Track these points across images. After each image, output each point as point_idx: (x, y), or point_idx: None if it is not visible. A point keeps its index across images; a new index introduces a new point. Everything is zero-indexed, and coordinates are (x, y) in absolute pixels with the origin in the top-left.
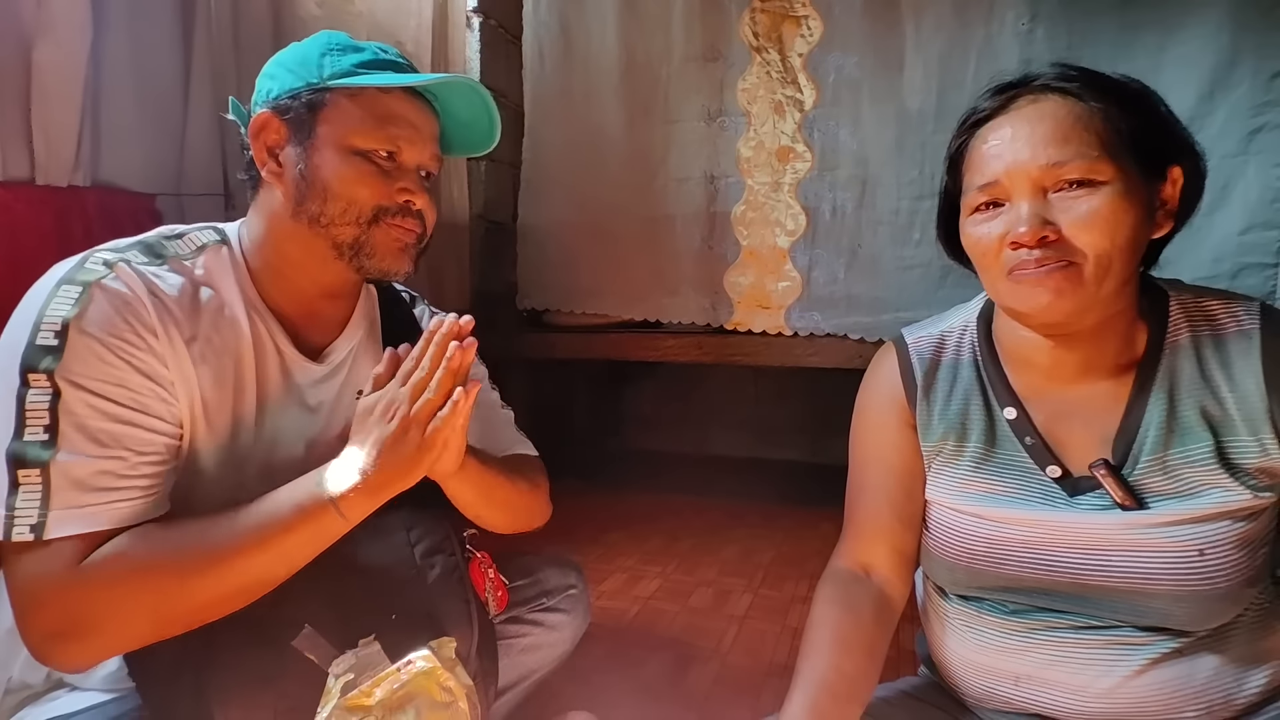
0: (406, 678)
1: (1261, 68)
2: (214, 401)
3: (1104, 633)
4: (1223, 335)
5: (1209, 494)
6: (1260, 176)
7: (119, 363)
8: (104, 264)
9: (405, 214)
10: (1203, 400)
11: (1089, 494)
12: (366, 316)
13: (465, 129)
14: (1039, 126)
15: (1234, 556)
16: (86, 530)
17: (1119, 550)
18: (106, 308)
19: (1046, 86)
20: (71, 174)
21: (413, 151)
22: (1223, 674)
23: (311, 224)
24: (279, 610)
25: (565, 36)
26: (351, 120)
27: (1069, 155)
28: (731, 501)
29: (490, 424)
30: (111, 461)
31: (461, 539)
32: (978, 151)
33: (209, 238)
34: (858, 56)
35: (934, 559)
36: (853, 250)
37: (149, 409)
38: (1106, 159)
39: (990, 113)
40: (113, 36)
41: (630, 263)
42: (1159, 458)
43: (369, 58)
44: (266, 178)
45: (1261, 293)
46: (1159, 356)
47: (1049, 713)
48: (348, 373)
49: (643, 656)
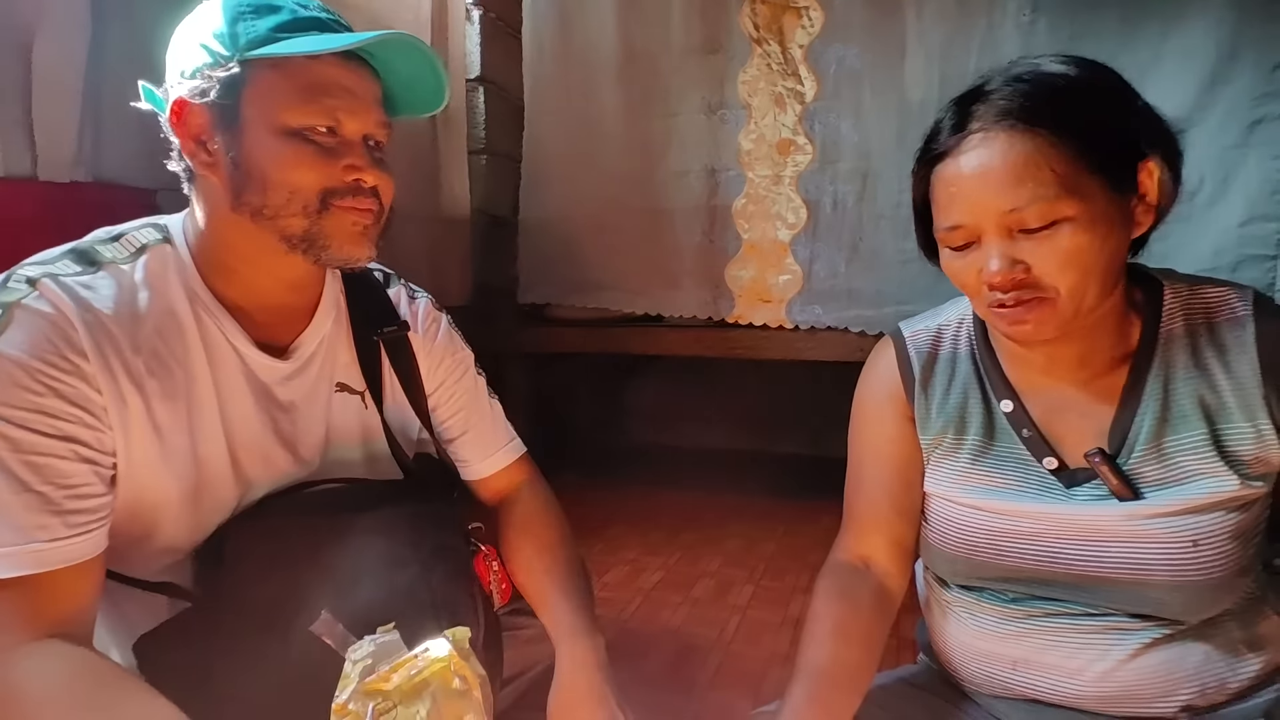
0: (423, 665)
1: (1262, 59)
2: (166, 416)
3: (1100, 619)
4: (1217, 322)
5: (1203, 483)
6: (1260, 168)
7: (39, 388)
8: (27, 281)
9: (357, 193)
10: (1198, 388)
11: (1085, 485)
12: (335, 304)
13: (411, 88)
14: (991, 170)
15: (1227, 547)
16: (8, 574)
17: (1115, 541)
18: (28, 329)
19: (997, 121)
20: (73, 169)
21: (354, 122)
22: (1214, 659)
23: (255, 217)
24: (286, 599)
25: (565, 29)
26: (279, 95)
27: (1024, 200)
28: (733, 495)
29: (478, 415)
30: (31, 496)
31: (467, 533)
32: (940, 189)
33: (150, 237)
34: (859, 48)
35: (934, 551)
36: (854, 243)
37: (75, 437)
38: (1065, 195)
39: (947, 149)
40: (112, 31)
41: (631, 256)
42: (1154, 446)
43: (287, 18)
44: (199, 170)
45: (1262, 285)
46: (1154, 347)
47: (1046, 697)
48: (320, 366)
49: (645, 647)
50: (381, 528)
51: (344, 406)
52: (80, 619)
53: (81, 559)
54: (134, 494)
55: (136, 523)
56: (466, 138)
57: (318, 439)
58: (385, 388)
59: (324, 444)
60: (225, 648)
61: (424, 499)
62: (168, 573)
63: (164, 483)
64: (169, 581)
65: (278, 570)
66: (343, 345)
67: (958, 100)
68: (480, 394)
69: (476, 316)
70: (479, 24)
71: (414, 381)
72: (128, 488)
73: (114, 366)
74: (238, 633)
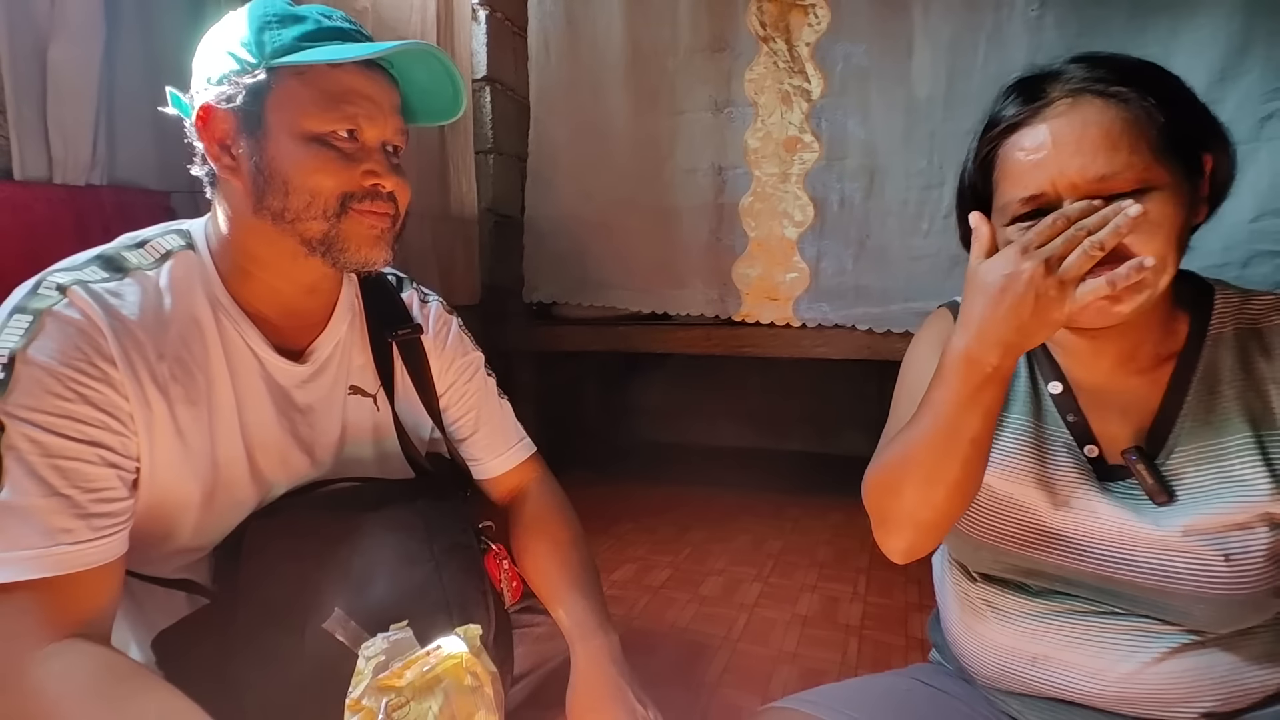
0: (435, 661)
1: (1273, 54)
2: (188, 420)
3: (1125, 619)
4: (1266, 328)
5: (1242, 493)
6: (1272, 163)
7: (69, 394)
8: (57, 289)
9: (374, 197)
10: (1244, 393)
11: (1121, 483)
12: (350, 308)
13: (428, 96)
14: (1084, 135)
15: (1261, 565)
16: (32, 576)
17: (1143, 546)
18: (58, 337)
19: (1084, 89)
20: (88, 173)
21: (374, 128)
22: (1242, 669)
23: (276, 220)
24: (301, 596)
25: (571, 28)
26: (303, 102)
27: (1119, 166)
28: (741, 492)
29: (488, 414)
30: (57, 500)
31: (477, 531)
32: (1013, 160)
33: (173, 243)
34: (865, 45)
35: (960, 535)
36: (861, 241)
37: (100, 442)
38: (1157, 164)
39: (1023, 118)
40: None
41: (638, 255)
42: (1194, 448)
43: (311, 28)
44: (222, 174)
45: (1272, 281)
46: (1200, 348)
47: (1065, 695)
48: (336, 369)
49: (653, 645)
50: (394, 526)
51: (358, 407)
52: (100, 619)
53: (103, 561)
54: (156, 496)
55: (157, 524)
56: (474, 137)
57: (333, 440)
58: (398, 389)
59: (339, 445)
60: (242, 644)
61: (436, 498)
62: (186, 570)
63: (185, 485)
64: (188, 579)
65: (293, 567)
66: (358, 348)
67: (1017, 84)
68: (491, 394)
69: (485, 315)
70: (485, 24)
71: (426, 382)
72: (149, 490)
73: (140, 373)
74: (254, 629)
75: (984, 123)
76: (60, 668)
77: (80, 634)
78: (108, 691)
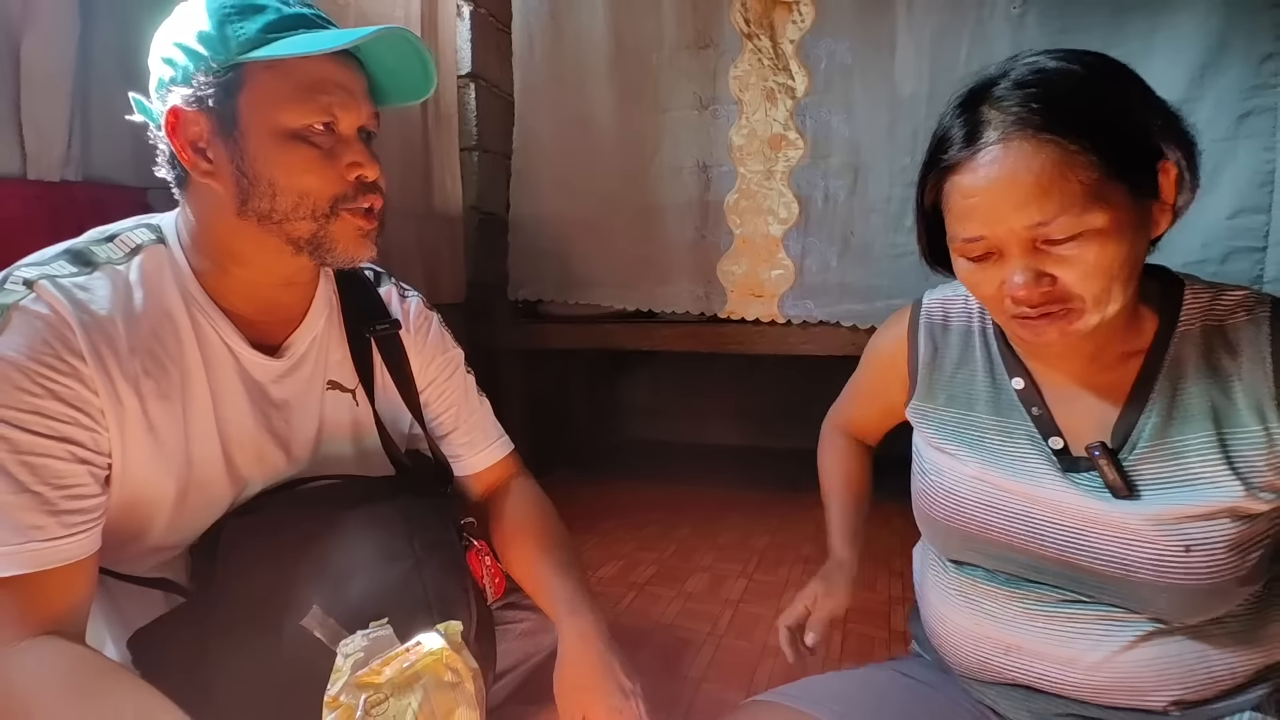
0: (415, 658)
1: (1251, 51)
2: (162, 415)
3: (1093, 607)
4: (1232, 324)
5: (1204, 489)
6: (1250, 160)
7: (37, 390)
8: (24, 283)
9: (365, 192)
10: (1208, 389)
11: (1085, 474)
12: (328, 302)
13: (396, 77)
14: (1014, 182)
15: (1222, 556)
16: (4, 574)
17: (1106, 533)
18: (25, 331)
19: (1015, 132)
20: (63, 168)
21: (349, 116)
22: (1211, 658)
23: (262, 221)
24: (280, 594)
25: (555, 25)
26: (277, 97)
27: (1051, 213)
28: (727, 489)
29: (468, 411)
30: (27, 496)
31: (459, 527)
32: (954, 200)
33: (144, 237)
34: (849, 42)
35: (931, 521)
36: (845, 238)
37: (70, 438)
38: (1092, 206)
39: (961, 161)
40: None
41: (623, 252)
42: (1157, 444)
43: (274, 17)
44: (200, 178)
45: (1250, 277)
46: (1167, 345)
47: (1039, 684)
48: (313, 364)
49: (639, 641)
50: (374, 522)
51: (336, 403)
52: (74, 616)
53: (76, 558)
54: (129, 493)
55: (130, 521)
56: (458, 134)
57: (310, 436)
58: (377, 384)
59: (316, 441)
60: (219, 643)
61: (416, 494)
62: (163, 569)
63: (159, 481)
64: (164, 577)
65: (271, 565)
66: (335, 343)
67: (962, 104)
68: (470, 391)
69: (470, 314)
70: (469, 20)
71: (406, 378)
72: (123, 487)
73: (110, 368)
74: (231, 628)
75: (931, 142)
76: (34, 664)
77: (54, 631)
78: (82, 688)
